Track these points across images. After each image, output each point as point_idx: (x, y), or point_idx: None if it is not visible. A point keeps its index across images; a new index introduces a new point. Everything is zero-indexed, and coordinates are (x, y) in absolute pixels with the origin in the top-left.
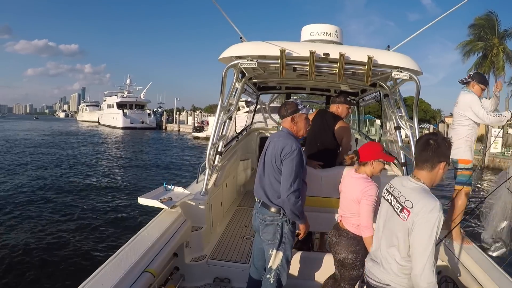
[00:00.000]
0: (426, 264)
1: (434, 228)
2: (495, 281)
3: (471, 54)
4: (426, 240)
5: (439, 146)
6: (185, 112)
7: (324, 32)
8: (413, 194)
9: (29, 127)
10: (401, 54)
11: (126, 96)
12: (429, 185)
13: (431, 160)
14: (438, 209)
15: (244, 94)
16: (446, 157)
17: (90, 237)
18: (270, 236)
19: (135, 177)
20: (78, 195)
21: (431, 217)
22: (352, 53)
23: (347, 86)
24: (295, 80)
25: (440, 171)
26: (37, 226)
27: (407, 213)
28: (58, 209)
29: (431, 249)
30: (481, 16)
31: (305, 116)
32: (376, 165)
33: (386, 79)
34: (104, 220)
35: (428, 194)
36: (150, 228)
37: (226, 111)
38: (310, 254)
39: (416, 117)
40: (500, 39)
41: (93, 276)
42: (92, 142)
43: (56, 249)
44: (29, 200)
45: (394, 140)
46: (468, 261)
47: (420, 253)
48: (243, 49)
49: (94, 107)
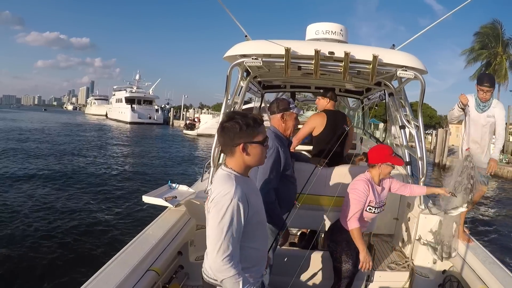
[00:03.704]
0: (219, 253)
1: (226, 215)
2: (499, 280)
3: (475, 62)
4: (216, 227)
5: (230, 130)
6: (192, 109)
7: (329, 30)
8: (215, 182)
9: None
10: (406, 53)
11: (135, 91)
12: (240, 170)
13: (228, 144)
14: (232, 195)
15: (249, 92)
16: (242, 138)
17: (94, 235)
18: None
19: (140, 174)
20: (83, 192)
21: (223, 202)
22: (357, 52)
23: (352, 84)
24: (300, 79)
25: (243, 154)
26: (40, 222)
27: (208, 202)
28: (60, 206)
29: (223, 237)
30: (486, 25)
31: (295, 116)
32: (384, 168)
33: (391, 78)
34: (109, 218)
35: (228, 181)
36: (155, 226)
37: (231, 110)
38: (315, 252)
39: (421, 116)
40: (504, 47)
41: (97, 274)
42: (101, 136)
43: (61, 247)
44: (30, 197)
45: (399, 139)
46: (473, 260)
47: (211, 242)
48: (248, 47)
49: (103, 101)
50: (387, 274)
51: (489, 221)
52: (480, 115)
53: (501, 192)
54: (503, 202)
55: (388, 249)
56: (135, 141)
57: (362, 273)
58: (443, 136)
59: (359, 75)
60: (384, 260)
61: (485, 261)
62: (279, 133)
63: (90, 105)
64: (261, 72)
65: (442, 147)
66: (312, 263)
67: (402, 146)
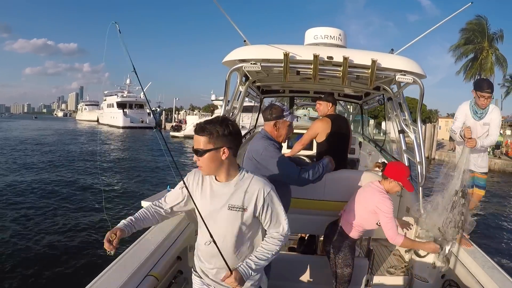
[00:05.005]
0: None
1: None
2: (498, 285)
3: (463, 57)
4: None
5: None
6: (183, 111)
7: (327, 35)
8: None
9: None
10: (405, 58)
11: (126, 96)
12: (214, 172)
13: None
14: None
15: (248, 97)
16: (226, 143)
17: (93, 240)
18: None
19: (137, 178)
20: (82, 197)
21: None
22: (356, 57)
23: (351, 89)
24: (299, 84)
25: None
26: (38, 228)
27: None
28: (58, 211)
29: None
30: (472, 20)
31: (289, 123)
32: (393, 185)
33: (390, 82)
34: (108, 222)
35: (258, 183)
36: (154, 231)
37: (230, 114)
38: (314, 257)
39: (419, 120)
40: (489, 42)
41: (96, 279)
42: (95, 140)
43: (59, 252)
44: (27, 202)
45: (398, 143)
46: (472, 264)
47: None
48: (247, 52)
49: (93, 106)
50: (386, 278)
51: (487, 221)
52: (477, 122)
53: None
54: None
55: (387, 254)
56: (129, 146)
57: (361, 278)
58: (431, 131)
59: (358, 80)
60: (383, 264)
61: (484, 266)
62: (270, 136)
63: (81, 111)
64: (260, 77)
65: (431, 142)
66: (311, 268)
67: (401, 150)
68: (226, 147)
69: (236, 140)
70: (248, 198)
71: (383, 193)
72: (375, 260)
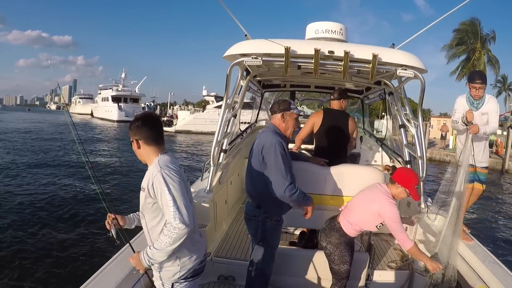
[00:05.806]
0: None
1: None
2: (499, 279)
3: (456, 58)
4: None
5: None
6: (177, 106)
7: (328, 30)
8: None
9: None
10: (406, 52)
11: (121, 90)
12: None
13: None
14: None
15: (249, 91)
16: (135, 135)
17: (90, 237)
18: (252, 230)
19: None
20: (80, 194)
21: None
22: (357, 51)
23: (352, 84)
24: (300, 78)
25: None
26: (35, 227)
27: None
28: (55, 209)
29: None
30: (465, 21)
31: (296, 116)
32: (400, 191)
33: (391, 77)
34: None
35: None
36: None
37: (230, 109)
38: (314, 251)
39: (420, 115)
40: (482, 43)
41: (94, 277)
42: (91, 135)
43: (56, 250)
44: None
45: (399, 138)
46: (472, 259)
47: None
48: (248, 47)
49: (87, 100)
50: (387, 273)
51: (488, 217)
52: (474, 113)
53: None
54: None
55: (388, 248)
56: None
57: (361, 272)
58: (423, 129)
59: (359, 74)
60: (383, 259)
61: (485, 260)
62: (278, 130)
63: (75, 104)
64: (261, 71)
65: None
66: (312, 262)
67: (402, 145)
68: (135, 139)
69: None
70: (146, 178)
71: (389, 198)
72: (375, 255)
